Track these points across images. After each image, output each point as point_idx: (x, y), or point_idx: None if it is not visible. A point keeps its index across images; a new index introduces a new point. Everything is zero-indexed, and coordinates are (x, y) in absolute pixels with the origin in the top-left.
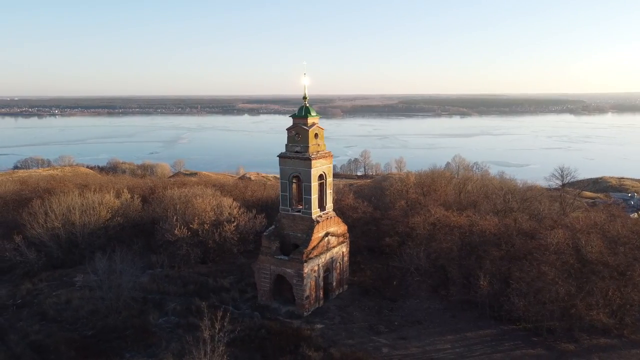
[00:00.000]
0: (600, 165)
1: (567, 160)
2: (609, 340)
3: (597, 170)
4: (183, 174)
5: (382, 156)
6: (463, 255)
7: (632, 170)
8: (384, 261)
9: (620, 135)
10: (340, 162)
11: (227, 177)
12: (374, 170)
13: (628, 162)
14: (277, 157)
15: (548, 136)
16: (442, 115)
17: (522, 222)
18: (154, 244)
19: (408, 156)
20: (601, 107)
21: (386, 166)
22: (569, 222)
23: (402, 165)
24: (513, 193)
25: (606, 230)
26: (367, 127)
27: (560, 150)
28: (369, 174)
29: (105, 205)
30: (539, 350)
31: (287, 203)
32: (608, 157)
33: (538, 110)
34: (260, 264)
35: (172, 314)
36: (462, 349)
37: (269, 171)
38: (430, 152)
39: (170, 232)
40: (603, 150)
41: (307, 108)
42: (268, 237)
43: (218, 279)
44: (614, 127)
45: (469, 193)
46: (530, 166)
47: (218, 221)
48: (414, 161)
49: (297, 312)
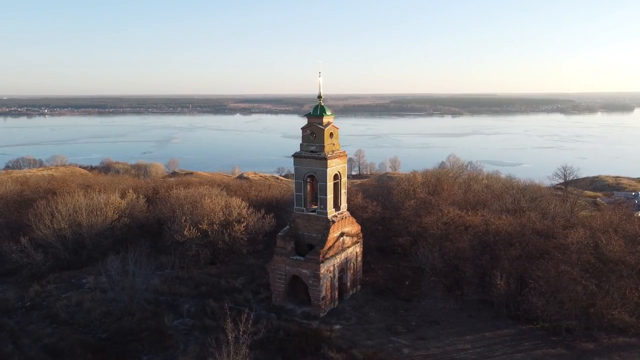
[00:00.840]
0: (592, 164)
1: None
2: (627, 339)
3: (589, 169)
4: (179, 174)
5: (376, 156)
6: (478, 255)
7: (625, 169)
8: (395, 261)
9: (610, 134)
10: None
11: (223, 176)
12: (369, 169)
13: (619, 161)
14: (276, 157)
15: (540, 135)
16: (434, 115)
17: (536, 221)
18: (161, 245)
19: (402, 156)
20: (591, 106)
21: (381, 165)
22: (585, 221)
23: (396, 164)
24: (523, 192)
25: (624, 229)
26: (360, 126)
27: (552, 150)
28: (363, 173)
29: (111, 206)
30: (559, 349)
31: (301, 203)
32: (600, 157)
33: (529, 110)
34: (275, 265)
35: (187, 316)
36: (483, 349)
37: (265, 170)
38: (424, 151)
39: (180, 233)
40: (594, 149)
41: (323, 107)
42: (283, 238)
43: (229, 280)
44: (604, 127)
45: (476, 192)
46: (523, 165)
47: (227, 221)
48: (408, 161)
49: (313, 312)
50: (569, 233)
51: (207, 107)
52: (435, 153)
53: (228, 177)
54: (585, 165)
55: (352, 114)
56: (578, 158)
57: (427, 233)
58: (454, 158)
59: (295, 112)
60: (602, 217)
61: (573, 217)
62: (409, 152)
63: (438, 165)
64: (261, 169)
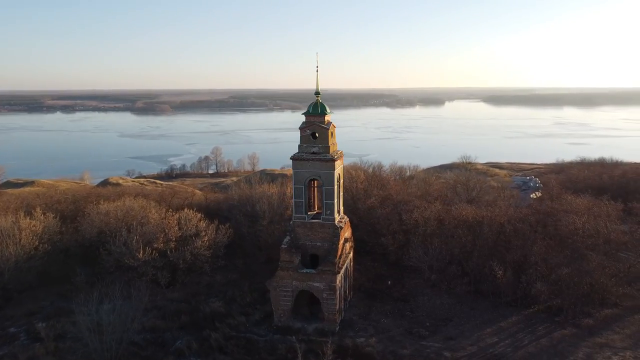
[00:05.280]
0: (425, 153)
1: (400, 148)
2: (612, 310)
3: (425, 156)
4: (13, 183)
5: (229, 152)
6: (476, 247)
7: (453, 156)
8: (369, 261)
9: (433, 125)
10: (187, 160)
11: (72, 184)
12: (226, 167)
13: (446, 148)
14: (119, 159)
15: (376, 127)
16: (275, 110)
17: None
18: (100, 272)
19: (257, 151)
20: (411, 100)
21: (239, 162)
22: (568, 206)
23: (255, 161)
24: (463, 184)
25: (597, 213)
26: (203, 123)
27: (390, 140)
28: (221, 171)
29: (27, 231)
30: (570, 329)
31: (302, 210)
32: (430, 145)
33: (360, 104)
34: (279, 281)
35: (191, 355)
36: (510, 340)
37: (114, 174)
38: (278, 146)
39: (131, 255)
40: (424, 139)
41: (323, 105)
42: (288, 250)
43: (205, 304)
44: (425, 118)
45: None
46: (370, 156)
47: (183, 237)
48: (266, 157)
49: (328, 328)
50: (574, 219)
51: (19, 105)
52: (291, 147)
53: (76, 185)
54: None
55: (191, 110)
56: (413, 147)
57: (416, 230)
58: None
59: (127, 109)
60: (580, 202)
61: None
62: (263, 147)
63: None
64: (118, 172)
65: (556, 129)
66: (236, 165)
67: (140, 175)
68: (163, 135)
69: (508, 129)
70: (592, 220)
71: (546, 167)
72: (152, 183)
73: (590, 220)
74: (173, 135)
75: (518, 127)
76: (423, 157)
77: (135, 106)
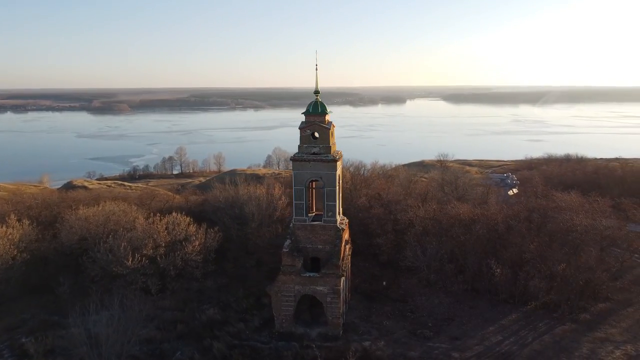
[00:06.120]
0: (391, 151)
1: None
2: (604, 304)
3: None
4: None
5: (193, 153)
6: (472, 246)
7: (421, 154)
8: (360, 262)
9: (397, 123)
10: (150, 161)
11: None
12: (191, 167)
13: (411, 146)
14: (79, 160)
15: (340, 126)
16: (237, 109)
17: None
18: (84, 281)
19: (222, 151)
20: (373, 99)
21: (204, 163)
22: (562, 203)
23: (221, 160)
24: (449, 184)
25: (590, 209)
26: (164, 122)
27: (355, 139)
28: (186, 172)
29: (4, 239)
30: (569, 324)
31: (302, 212)
32: (395, 144)
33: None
34: (280, 286)
35: None
36: (514, 338)
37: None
38: (243, 145)
39: (119, 263)
40: (388, 137)
41: (323, 104)
42: (290, 254)
43: (200, 312)
44: (388, 117)
45: (401, 185)
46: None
47: (173, 242)
48: (232, 156)
49: (332, 333)
50: (571, 216)
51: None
52: (257, 147)
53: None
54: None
55: (150, 109)
56: (379, 145)
57: (410, 230)
58: (279, 151)
59: (84, 108)
60: (571, 199)
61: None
62: (227, 147)
63: (265, 158)
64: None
65: (514, 126)
66: (201, 165)
67: (102, 177)
68: (123, 135)
69: (469, 126)
70: (589, 217)
71: (515, 164)
72: (120, 185)
73: (588, 217)
74: (133, 135)
75: (478, 125)
76: (390, 156)
77: (92, 105)
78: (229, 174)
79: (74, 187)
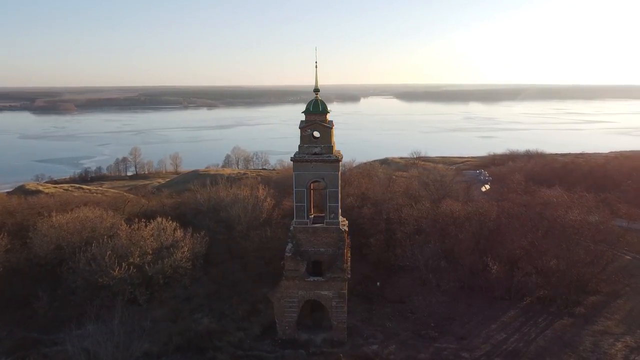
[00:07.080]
0: (350, 149)
1: None
2: (594, 297)
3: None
4: None
5: (147, 153)
6: (466, 244)
7: (381, 151)
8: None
9: (352, 121)
10: (101, 162)
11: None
12: (147, 168)
13: (369, 143)
14: (23, 163)
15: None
16: (189, 108)
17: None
18: (65, 294)
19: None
20: (328, 97)
21: (160, 163)
22: (554, 199)
23: (178, 161)
24: (435, 182)
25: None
26: (114, 122)
27: None
28: (141, 173)
29: None
30: (567, 319)
31: (303, 215)
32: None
33: (277, 101)
34: (284, 291)
35: None
36: (518, 335)
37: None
38: (199, 145)
39: (104, 273)
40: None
41: (324, 103)
42: (293, 258)
43: (194, 321)
44: (343, 114)
45: (380, 184)
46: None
47: (160, 249)
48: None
49: (337, 338)
50: (566, 213)
51: None
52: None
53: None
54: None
55: (99, 109)
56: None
57: (404, 229)
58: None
59: (26, 108)
60: (560, 196)
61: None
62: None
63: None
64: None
65: (466, 123)
66: (157, 166)
67: (52, 180)
68: (70, 135)
69: (423, 124)
70: (583, 212)
71: (478, 160)
72: (78, 189)
73: (582, 212)
74: (82, 135)
75: (431, 122)
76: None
77: (34, 105)
78: (193, 175)
79: (30, 192)
